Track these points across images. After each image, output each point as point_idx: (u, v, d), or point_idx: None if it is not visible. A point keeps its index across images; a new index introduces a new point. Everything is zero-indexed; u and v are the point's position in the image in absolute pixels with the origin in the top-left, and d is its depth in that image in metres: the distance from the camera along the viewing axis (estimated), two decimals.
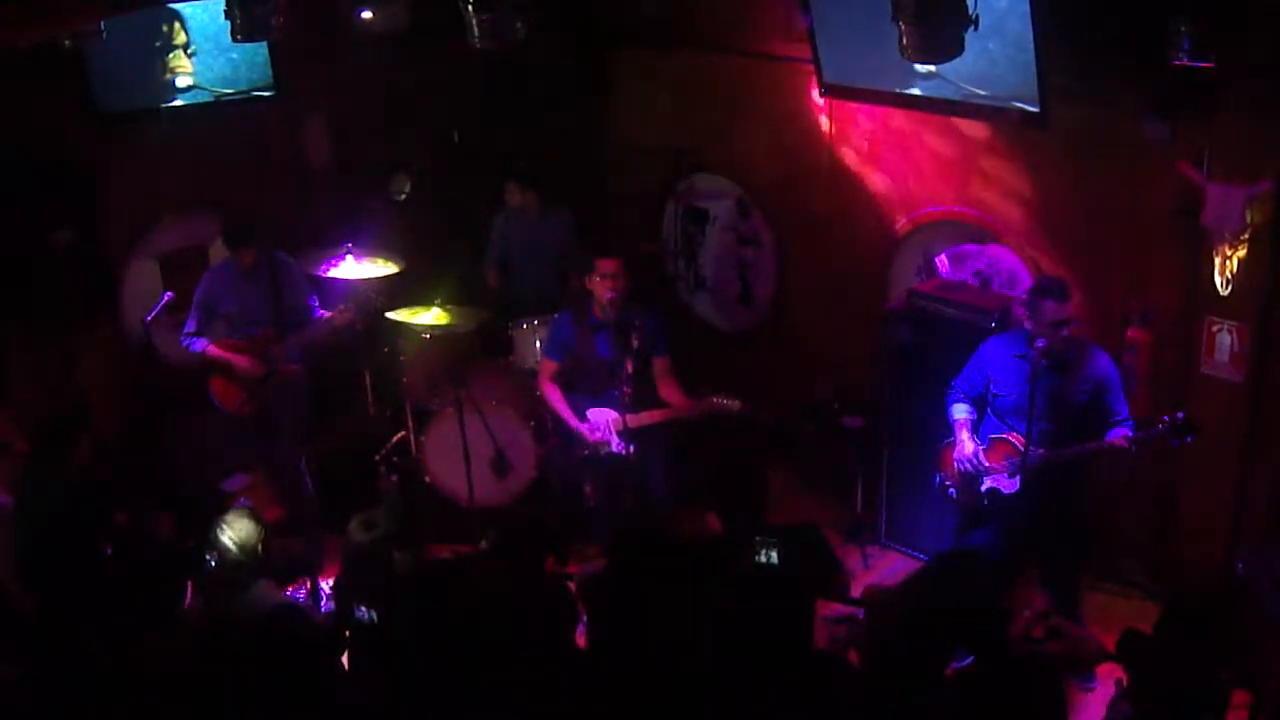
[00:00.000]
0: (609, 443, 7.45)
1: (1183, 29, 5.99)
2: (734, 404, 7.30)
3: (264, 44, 8.34)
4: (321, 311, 8.00)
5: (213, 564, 5.55)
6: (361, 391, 8.73)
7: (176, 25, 8.26)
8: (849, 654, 5.40)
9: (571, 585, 5.91)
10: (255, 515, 5.71)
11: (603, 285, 7.36)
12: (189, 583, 6.10)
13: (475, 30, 6.51)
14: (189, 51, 8.36)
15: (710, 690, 4.97)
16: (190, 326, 7.90)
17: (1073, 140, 7.25)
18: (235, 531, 5.56)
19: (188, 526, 6.79)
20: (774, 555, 5.53)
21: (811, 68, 8.11)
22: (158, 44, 8.25)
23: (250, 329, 7.86)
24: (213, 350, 7.80)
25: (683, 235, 9.74)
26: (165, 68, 8.32)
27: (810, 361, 8.97)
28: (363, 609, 5.63)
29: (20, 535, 6.46)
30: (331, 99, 9.22)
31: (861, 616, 5.78)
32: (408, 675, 5.13)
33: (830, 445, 8.32)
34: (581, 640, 5.68)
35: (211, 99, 8.57)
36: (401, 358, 8.45)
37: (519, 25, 6.49)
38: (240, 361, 7.77)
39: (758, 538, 5.56)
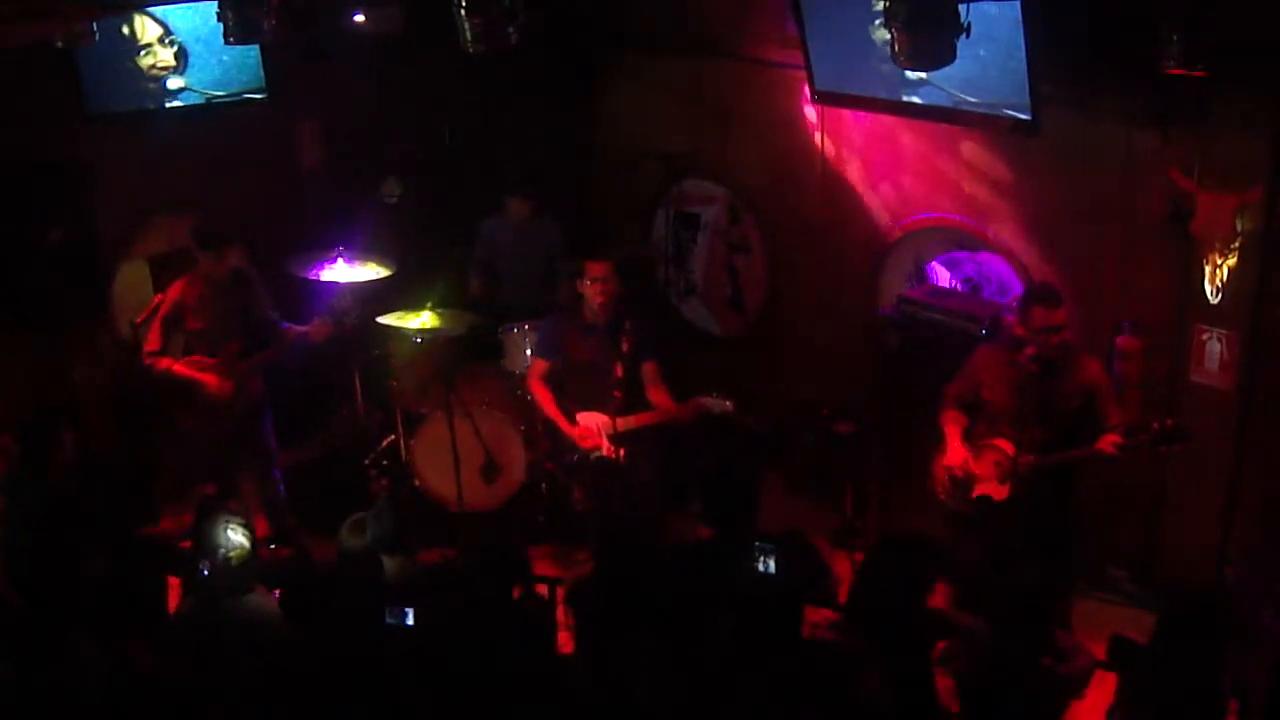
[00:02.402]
0: (599, 447, 7.43)
1: (1174, 37, 5.99)
2: (725, 403, 7.25)
3: (256, 46, 8.34)
4: (288, 325, 7.88)
5: (205, 572, 5.53)
6: (351, 395, 8.71)
7: (141, 21, 8.22)
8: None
9: (543, 590, 5.90)
10: (243, 520, 5.69)
11: (593, 289, 7.36)
12: (176, 586, 6.09)
13: (467, 34, 6.49)
14: (166, 42, 8.32)
15: (698, 692, 4.97)
16: (154, 345, 7.63)
17: (1064, 148, 7.25)
18: (223, 536, 5.54)
19: (179, 529, 6.81)
20: (772, 564, 5.52)
21: (803, 74, 8.13)
22: (124, 46, 8.21)
23: (217, 346, 7.67)
24: (179, 369, 7.61)
25: (674, 240, 9.74)
26: (146, 64, 8.30)
27: (801, 366, 8.98)
28: (405, 610, 5.47)
29: (6, 535, 6.44)
30: (323, 102, 9.23)
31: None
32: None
33: (820, 450, 8.32)
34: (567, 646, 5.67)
35: (203, 101, 8.57)
36: (391, 361, 8.43)
37: (511, 29, 6.47)
38: (209, 381, 7.62)
39: (757, 544, 5.54)
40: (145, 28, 8.25)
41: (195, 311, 7.68)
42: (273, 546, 7.78)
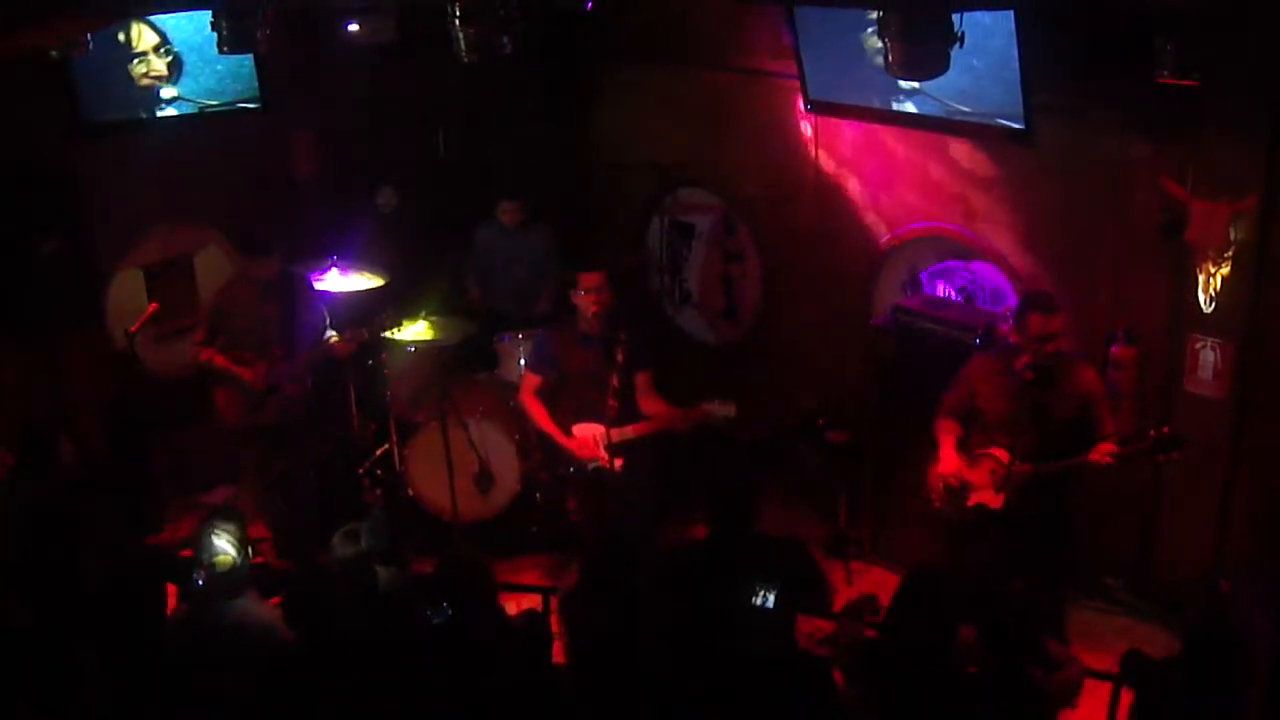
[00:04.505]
0: (596, 459, 7.41)
1: (1167, 47, 6.00)
2: (729, 408, 7.19)
3: (250, 56, 8.35)
4: (330, 331, 7.92)
5: (200, 582, 5.53)
6: (346, 404, 8.70)
7: (138, 29, 8.24)
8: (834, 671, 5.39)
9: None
10: (240, 527, 5.69)
11: (586, 300, 7.33)
12: (173, 591, 6.08)
13: (461, 44, 6.50)
14: (161, 52, 8.34)
15: (688, 701, 4.97)
16: (202, 335, 7.76)
17: (1057, 157, 7.27)
18: (220, 542, 5.54)
19: (179, 537, 6.80)
20: (770, 599, 5.48)
21: (797, 83, 8.14)
22: (117, 54, 8.23)
23: (259, 346, 7.69)
24: (219, 360, 7.66)
25: (668, 250, 9.74)
26: (138, 72, 8.31)
27: (795, 376, 8.97)
28: (446, 608, 5.42)
29: (5, 544, 6.42)
30: (317, 111, 9.22)
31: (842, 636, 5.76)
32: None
33: (815, 460, 8.32)
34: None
35: (197, 110, 8.57)
36: (386, 371, 8.43)
37: (505, 39, 6.48)
38: (244, 374, 7.63)
39: (758, 580, 5.51)
40: (142, 35, 8.26)
41: (239, 311, 7.74)
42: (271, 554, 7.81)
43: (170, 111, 8.52)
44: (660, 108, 9.51)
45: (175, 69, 8.44)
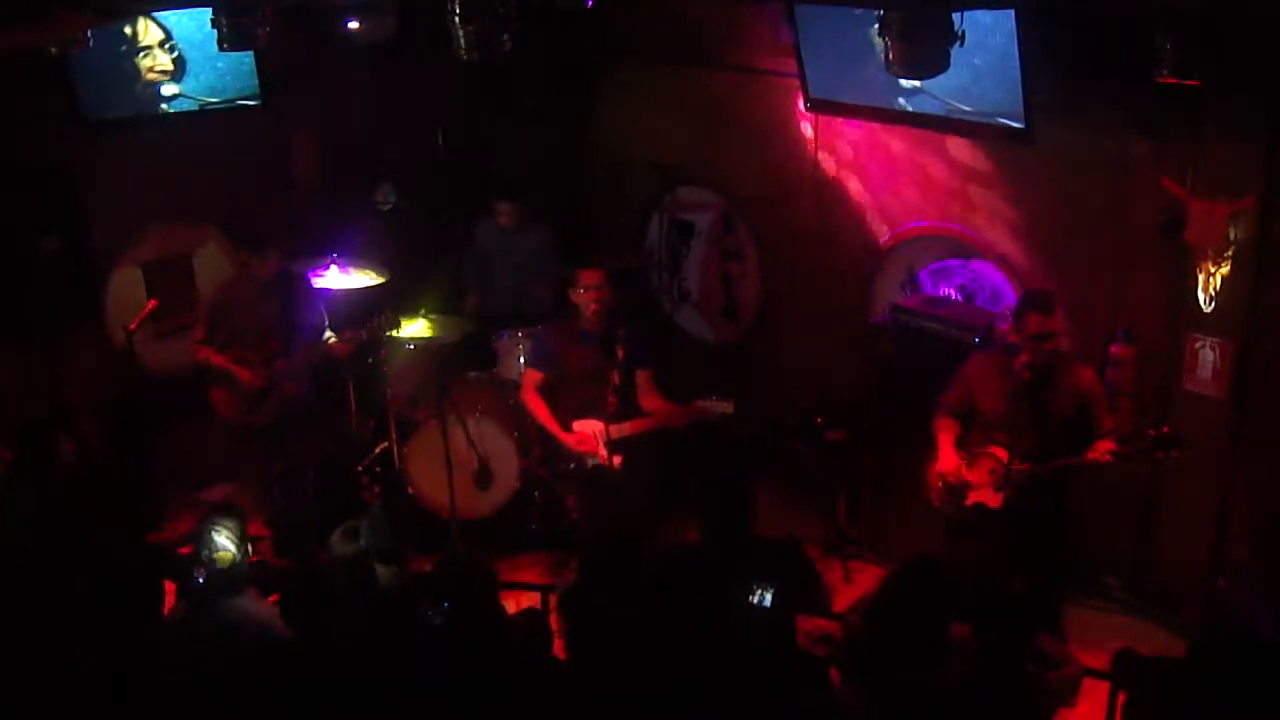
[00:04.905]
0: (595, 454, 7.41)
1: (1167, 46, 6.00)
2: (726, 406, 7.20)
3: (250, 53, 8.35)
4: (328, 331, 7.92)
5: (200, 579, 5.53)
6: (345, 402, 8.70)
7: (146, 24, 8.27)
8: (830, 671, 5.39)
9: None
10: (241, 523, 5.69)
11: (586, 297, 7.34)
12: (170, 588, 6.08)
13: (461, 41, 6.50)
14: (166, 48, 8.35)
15: (686, 699, 4.97)
16: (201, 335, 7.76)
17: (1057, 156, 7.27)
18: (220, 539, 5.54)
19: (174, 535, 6.77)
20: (767, 597, 5.49)
21: (797, 82, 8.14)
22: (123, 47, 8.26)
23: (258, 343, 7.69)
24: (217, 359, 7.66)
25: (667, 248, 9.74)
26: (145, 67, 8.33)
27: (794, 375, 8.98)
28: (445, 606, 5.36)
29: (4, 543, 6.41)
30: (317, 109, 9.22)
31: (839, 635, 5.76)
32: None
33: (813, 458, 8.32)
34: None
35: (197, 107, 8.57)
36: (385, 368, 8.42)
37: (505, 37, 6.48)
38: (243, 374, 7.62)
39: (755, 580, 5.51)
40: (148, 30, 8.28)
41: (239, 308, 7.73)
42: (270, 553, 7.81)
43: (170, 108, 8.52)
44: (660, 107, 9.51)
45: (180, 65, 8.44)
